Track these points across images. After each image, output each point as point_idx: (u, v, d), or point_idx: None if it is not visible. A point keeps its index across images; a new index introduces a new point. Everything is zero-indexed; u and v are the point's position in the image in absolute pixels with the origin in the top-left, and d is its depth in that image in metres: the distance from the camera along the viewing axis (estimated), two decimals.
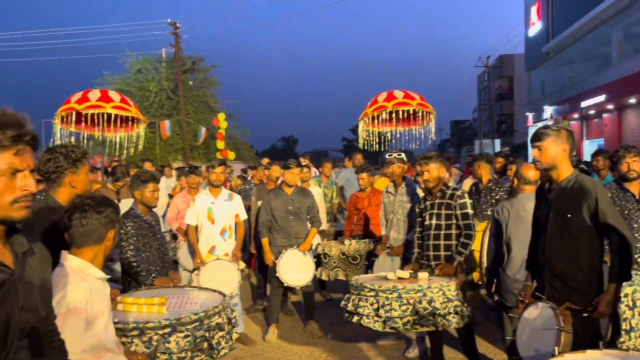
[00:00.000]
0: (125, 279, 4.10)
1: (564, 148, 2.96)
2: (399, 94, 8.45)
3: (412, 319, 3.65)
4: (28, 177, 1.45)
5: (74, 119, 7.21)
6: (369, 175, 6.35)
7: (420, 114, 8.72)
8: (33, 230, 2.46)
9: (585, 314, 2.79)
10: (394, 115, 8.32)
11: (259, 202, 6.32)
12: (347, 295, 4.07)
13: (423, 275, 4.00)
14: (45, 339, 1.66)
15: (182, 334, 2.91)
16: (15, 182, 1.43)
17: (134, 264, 3.91)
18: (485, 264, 4.79)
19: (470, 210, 4.21)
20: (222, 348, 3.10)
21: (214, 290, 3.65)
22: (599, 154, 6.18)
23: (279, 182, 6.97)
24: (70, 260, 2.10)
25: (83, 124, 7.57)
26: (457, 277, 4.00)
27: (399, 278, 3.96)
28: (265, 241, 5.51)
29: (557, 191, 2.97)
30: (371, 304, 3.74)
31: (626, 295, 3.57)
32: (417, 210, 4.56)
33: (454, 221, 4.21)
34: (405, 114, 8.63)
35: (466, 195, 4.30)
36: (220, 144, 19.28)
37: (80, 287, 2.02)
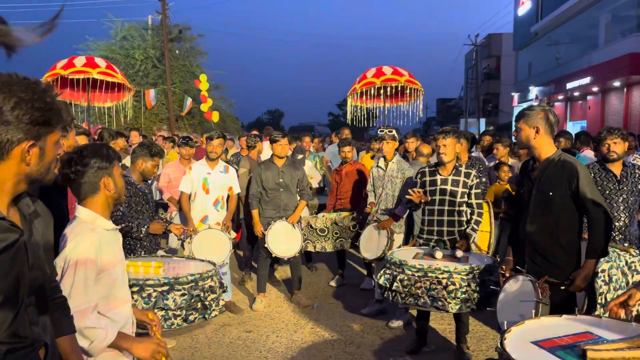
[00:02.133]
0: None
1: (537, 128, 3.07)
2: (387, 70, 8.50)
3: (477, 297, 3.67)
4: (61, 144, 1.63)
5: (59, 85, 7.15)
6: (352, 149, 6.45)
7: (408, 90, 8.82)
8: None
9: (562, 287, 2.95)
10: (382, 91, 8.41)
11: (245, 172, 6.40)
12: (389, 276, 3.98)
13: (460, 253, 4.01)
14: (49, 296, 1.73)
15: (179, 292, 3.11)
16: (57, 149, 1.58)
17: (122, 224, 4.01)
18: (493, 245, 5.02)
19: (480, 191, 4.43)
20: (213, 310, 3.33)
21: (203, 260, 3.83)
22: (560, 136, 6.42)
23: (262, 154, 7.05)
24: (81, 212, 2.16)
25: (68, 89, 7.52)
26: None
27: (451, 256, 3.98)
28: (255, 212, 5.60)
29: (540, 169, 3.10)
30: (445, 286, 3.66)
31: (603, 271, 3.77)
32: (417, 181, 4.59)
33: (466, 199, 4.37)
34: (394, 90, 8.72)
35: (478, 175, 4.50)
36: (204, 106, 19.18)
37: (89, 238, 2.07)
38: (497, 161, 6.20)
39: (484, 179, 5.96)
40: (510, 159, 6.47)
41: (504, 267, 3.32)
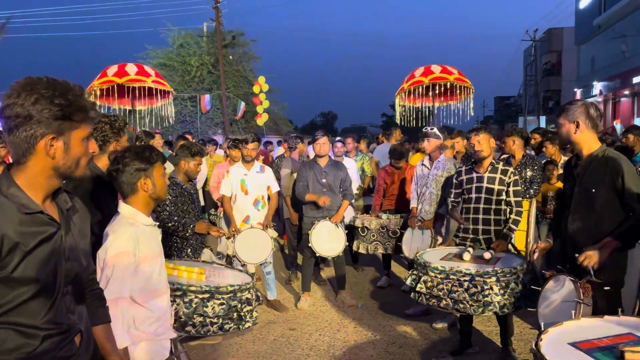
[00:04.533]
0: (167, 243, 4.37)
1: (577, 122, 2.95)
2: (436, 69, 8.37)
3: (509, 302, 3.57)
4: (93, 141, 1.72)
5: (116, 92, 7.53)
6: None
7: (458, 89, 8.64)
8: (77, 191, 2.68)
9: (606, 288, 2.82)
10: (430, 90, 8.29)
11: (294, 175, 6.48)
12: (415, 276, 3.96)
13: (488, 255, 3.88)
14: (86, 287, 1.85)
15: (218, 301, 3.22)
16: (87, 146, 1.68)
17: (169, 224, 4.19)
18: (531, 244, 4.83)
19: (520, 188, 4.28)
20: (247, 321, 3.41)
21: (241, 270, 3.96)
22: (628, 132, 6.08)
23: (305, 155, 7.11)
24: (122, 208, 2.32)
25: (117, 96, 7.91)
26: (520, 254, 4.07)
27: (480, 258, 3.89)
28: (309, 195, 5.54)
29: (582, 166, 2.98)
30: (466, 289, 3.60)
31: None
32: (454, 182, 4.57)
33: (504, 197, 4.25)
34: (443, 89, 8.57)
35: (516, 172, 4.35)
36: (260, 108, 19.57)
37: (127, 232, 2.22)
38: (546, 160, 5.98)
39: (538, 178, 5.76)
40: (562, 156, 6.22)
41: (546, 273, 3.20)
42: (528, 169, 5.65)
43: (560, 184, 5.66)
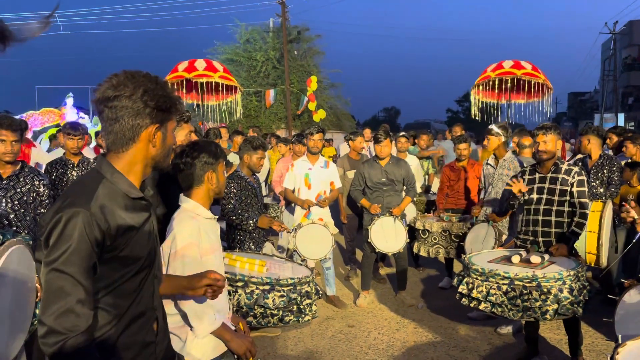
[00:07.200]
0: (230, 236, 4.47)
1: None
2: (507, 64, 8.14)
3: (552, 308, 3.41)
4: (185, 131, 1.82)
5: (184, 87, 7.78)
6: (469, 146, 6.19)
7: (535, 86, 8.27)
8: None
9: None
10: (504, 85, 8.03)
11: (349, 174, 6.44)
12: (460, 277, 3.88)
13: (536, 259, 3.72)
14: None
15: (278, 293, 3.25)
16: (174, 137, 1.79)
17: (234, 217, 4.27)
18: (604, 246, 4.54)
19: (586, 189, 4.01)
20: (306, 314, 3.44)
21: (301, 264, 3.95)
22: None
23: (363, 152, 7.04)
24: (184, 202, 2.37)
25: (185, 90, 8.15)
26: (580, 259, 3.85)
27: (526, 261, 3.73)
28: (363, 200, 5.58)
29: None
30: (505, 292, 3.50)
31: None
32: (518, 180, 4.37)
33: (568, 198, 4.01)
34: (518, 86, 8.28)
35: (583, 172, 4.08)
36: (312, 105, 19.84)
37: (189, 225, 2.27)
38: (627, 160, 5.59)
39: (616, 179, 5.41)
40: None
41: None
42: (605, 170, 5.32)
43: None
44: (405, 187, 5.63)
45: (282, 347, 4.54)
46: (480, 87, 8.46)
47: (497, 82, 7.90)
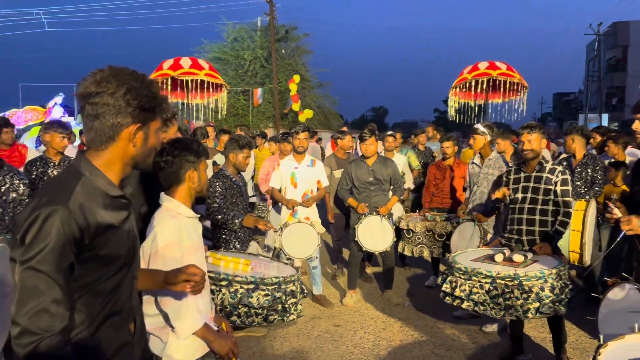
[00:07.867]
0: (215, 235, 4.43)
1: None
2: (482, 65, 8.25)
3: (534, 307, 3.40)
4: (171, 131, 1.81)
5: (169, 85, 7.70)
6: (453, 145, 6.22)
7: (513, 86, 8.36)
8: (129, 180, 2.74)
9: None
10: (483, 86, 8.10)
11: (335, 173, 6.42)
12: (444, 276, 3.87)
13: (519, 258, 3.72)
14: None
15: (263, 292, 3.22)
16: (158, 137, 1.74)
17: (219, 216, 4.23)
18: (587, 245, 4.56)
19: (570, 188, 4.02)
20: (291, 314, 3.41)
21: (287, 263, 3.93)
22: None
23: (351, 151, 7.03)
24: (165, 200, 2.33)
25: (170, 89, 8.06)
26: (563, 258, 3.86)
27: (509, 260, 3.73)
28: (351, 200, 5.58)
29: None
30: (487, 291, 3.51)
31: None
32: (503, 179, 4.40)
33: (552, 197, 4.02)
34: (496, 86, 8.35)
35: (567, 172, 4.10)
36: (295, 106, 19.88)
37: (170, 224, 2.23)
38: (610, 160, 5.64)
39: (600, 179, 5.45)
40: (628, 156, 5.85)
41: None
42: (589, 169, 5.36)
43: (624, 187, 5.33)
44: (392, 187, 5.63)
45: (268, 347, 4.51)
46: (458, 89, 8.55)
47: (473, 83, 7.97)
